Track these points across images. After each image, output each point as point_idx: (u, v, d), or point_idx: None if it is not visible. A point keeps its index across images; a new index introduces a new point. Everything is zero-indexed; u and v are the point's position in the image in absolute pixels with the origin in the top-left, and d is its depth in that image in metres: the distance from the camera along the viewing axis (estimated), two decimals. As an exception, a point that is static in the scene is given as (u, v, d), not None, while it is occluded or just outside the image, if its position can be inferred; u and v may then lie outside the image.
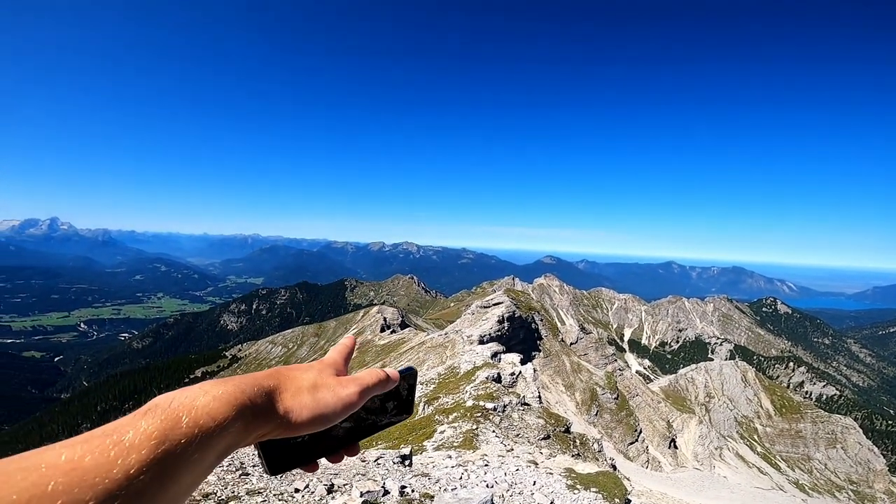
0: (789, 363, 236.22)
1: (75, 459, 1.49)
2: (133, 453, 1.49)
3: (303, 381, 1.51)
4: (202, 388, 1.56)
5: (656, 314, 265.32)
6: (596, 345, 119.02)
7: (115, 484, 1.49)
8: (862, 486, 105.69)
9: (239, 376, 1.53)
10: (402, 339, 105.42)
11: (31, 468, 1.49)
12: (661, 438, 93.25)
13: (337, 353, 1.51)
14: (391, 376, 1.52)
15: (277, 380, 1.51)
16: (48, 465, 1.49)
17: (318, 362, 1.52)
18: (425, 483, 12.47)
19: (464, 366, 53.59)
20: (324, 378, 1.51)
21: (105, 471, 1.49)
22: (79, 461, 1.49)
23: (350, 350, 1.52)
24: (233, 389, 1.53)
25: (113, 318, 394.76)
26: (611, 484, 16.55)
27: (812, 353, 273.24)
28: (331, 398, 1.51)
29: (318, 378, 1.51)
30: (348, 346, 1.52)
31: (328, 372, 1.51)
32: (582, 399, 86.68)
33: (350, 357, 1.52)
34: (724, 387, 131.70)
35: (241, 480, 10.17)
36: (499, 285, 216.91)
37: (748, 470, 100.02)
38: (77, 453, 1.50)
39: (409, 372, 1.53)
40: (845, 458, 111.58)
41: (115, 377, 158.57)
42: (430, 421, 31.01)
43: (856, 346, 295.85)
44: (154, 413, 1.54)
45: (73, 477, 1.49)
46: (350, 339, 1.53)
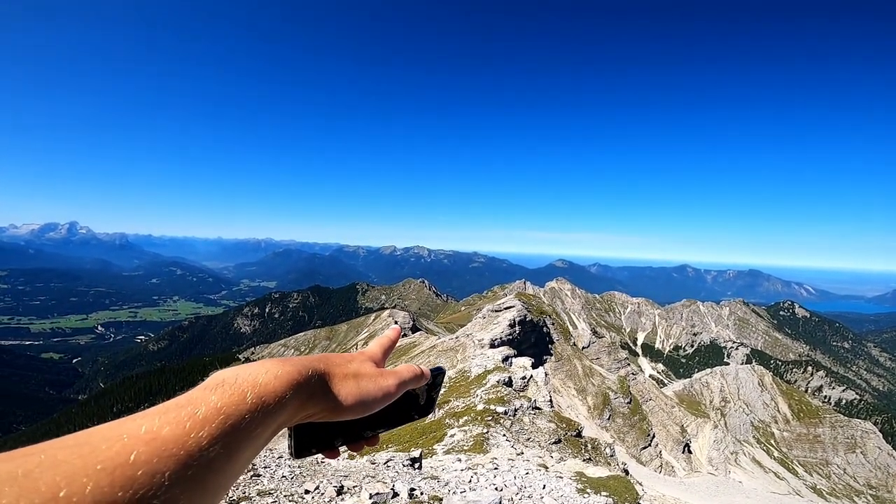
0: (807, 367, 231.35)
1: (154, 430, 1.55)
2: (206, 426, 1.55)
3: (348, 368, 1.57)
4: (263, 365, 1.60)
5: (670, 318, 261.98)
6: (608, 349, 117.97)
7: (189, 455, 1.54)
8: (881, 490, 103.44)
9: (294, 357, 1.58)
10: (414, 342, 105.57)
11: (114, 438, 1.55)
12: (675, 443, 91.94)
13: (378, 345, 1.57)
14: (424, 373, 1.58)
15: (327, 364, 1.57)
16: (130, 436, 1.55)
17: (360, 353, 1.57)
18: (434, 486, 12.51)
19: (475, 369, 53.51)
20: (366, 368, 1.57)
21: (181, 442, 1.55)
22: (157, 432, 1.55)
23: (393, 343, 1.57)
24: (291, 369, 1.58)
25: (130, 321, 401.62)
26: (622, 488, 16.42)
27: (831, 357, 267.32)
28: (372, 387, 1.57)
29: (360, 367, 1.57)
30: (392, 338, 1.58)
31: (369, 363, 1.57)
32: (594, 403, 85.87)
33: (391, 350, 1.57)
34: (740, 391, 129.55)
35: (252, 482, 10.32)
36: (510, 289, 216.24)
37: (765, 475, 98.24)
38: (156, 424, 1.56)
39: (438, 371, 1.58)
40: (865, 463, 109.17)
41: (131, 379, 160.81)
42: (441, 424, 31.03)
43: (876, 350, 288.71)
44: (223, 388, 1.59)
45: (153, 447, 1.55)
46: (394, 331, 1.58)
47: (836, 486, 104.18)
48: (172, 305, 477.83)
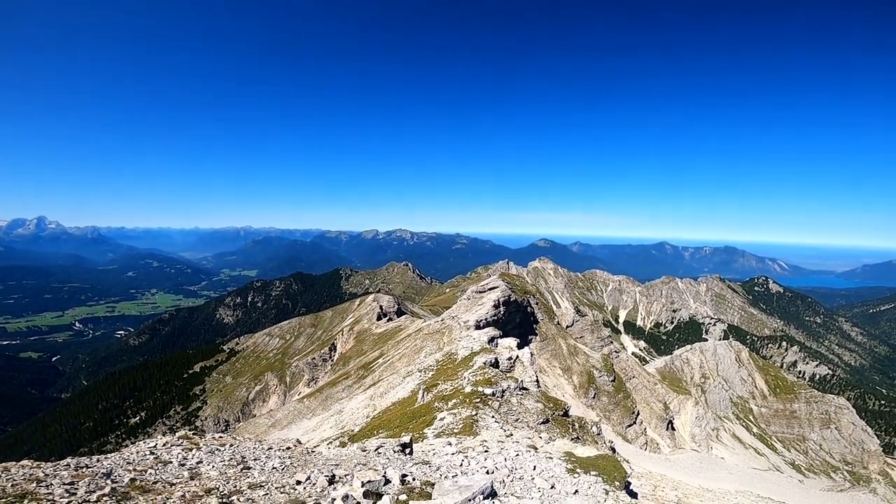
0: (782, 342, 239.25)
1: None
2: None
3: None
4: None
5: (650, 295, 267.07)
6: (592, 327, 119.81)
7: None
8: (857, 466, 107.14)
9: None
10: (399, 326, 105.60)
11: None
12: (659, 420, 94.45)
13: None
14: None
15: None
16: None
17: None
18: (426, 471, 12.49)
19: (461, 352, 53.78)
20: None
21: None
22: None
23: None
24: None
25: (107, 316, 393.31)
26: (610, 467, 16.69)
27: (804, 332, 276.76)
28: None
29: None
30: None
31: None
32: (579, 382, 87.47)
33: None
34: (718, 367, 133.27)
35: (242, 474, 10.13)
36: (493, 270, 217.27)
37: (745, 451, 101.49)
38: None
39: None
40: (839, 439, 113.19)
41: (113, 375, 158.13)
42: (430, 408, 31.13)
43: (847, 325, 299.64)
44: None
45: None
46: None
47: (814, 461, 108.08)
48: (151, 298, 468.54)
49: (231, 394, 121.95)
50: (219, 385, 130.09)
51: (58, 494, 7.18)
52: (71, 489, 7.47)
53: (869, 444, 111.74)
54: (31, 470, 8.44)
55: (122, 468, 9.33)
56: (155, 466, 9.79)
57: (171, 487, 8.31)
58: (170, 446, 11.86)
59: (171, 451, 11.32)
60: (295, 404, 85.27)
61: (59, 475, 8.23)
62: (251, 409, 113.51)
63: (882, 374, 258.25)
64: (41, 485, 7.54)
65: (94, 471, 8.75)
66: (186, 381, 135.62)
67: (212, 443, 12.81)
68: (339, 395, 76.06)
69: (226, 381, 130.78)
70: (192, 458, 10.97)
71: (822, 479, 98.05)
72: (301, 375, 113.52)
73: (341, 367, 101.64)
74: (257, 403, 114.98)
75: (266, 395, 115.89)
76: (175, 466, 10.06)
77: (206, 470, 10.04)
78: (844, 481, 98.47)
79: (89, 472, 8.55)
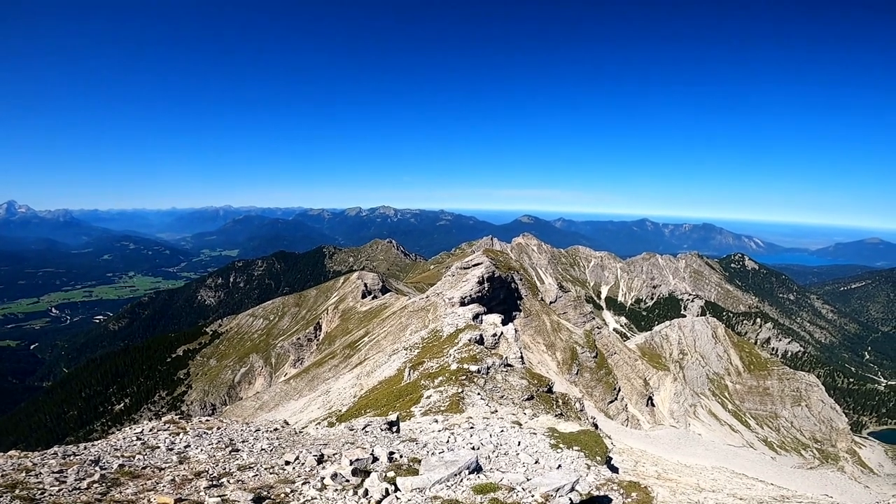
0: (757, 319, 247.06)
1: None
2: None
3: None
4: None
5: (631, 271, 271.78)
6: (574, 303, 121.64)
7: None
8: (825, 444, 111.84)
9: None
10: (384, 304, 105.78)
11: None
12: (639, 396, 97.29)
13: None
14: None
15: None
16: None
17: None
18: (413, 448, 12.75)
19: (446, 329, 54.33)
20: None
21: None
22: None
23: None
24: None
25: (85, 301, 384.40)
26: (592, 443, 17.26)
27: (778, 308, 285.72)
28: None
29: None
30: None
31: None
32: (563, 358, 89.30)
33: None
34: (696, 343, 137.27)
35: (231, 457, 10.20)
36: (478, 246, 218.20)
37: (720, 427, 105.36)
38: None
39: None
40: (809, 417, 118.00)
41: (95, 361, 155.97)
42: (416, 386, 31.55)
43: (818, 302, 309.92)
44: None
45: None
46: None
47: (785, 438, 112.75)
48: (129, 282, 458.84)
49: (216, 377, 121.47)
50: (203, 368, 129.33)
51: (48, 483, 7.17)
52: (60, 477, 7.46)
53: (837, 422, 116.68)
54: (18, 460, 8.39)
55: (109, 455, 9.31)
56: (143, 452, 9.79)
57: (161, 472, 8.35)
58: (156, 431, 11.84)
59: (158, 436, 11.31)
60: (281, 386, 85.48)
61: (48, 464, 8.20)
62: (237, 392, 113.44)
63: (851, 351, 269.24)
64: (30, 474, 7.51)
65: (83, 458, 8.73)
66: (170, 365, 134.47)
67: (199, 426, 12.83)
68: (325, 376, 76.41)
69: (210, 363, 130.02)
70: (180, 442, 10.99)
71: (794, 456, 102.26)
72: (286, 356, 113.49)
73: (327, 346, 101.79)
74: (243, 386, 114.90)
75: (252, 378, 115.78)
76: (163, 451, 10.08)
77: (195, 453, 10.08)
78: (814, 459, 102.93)
79: (77, 460, 8.53)
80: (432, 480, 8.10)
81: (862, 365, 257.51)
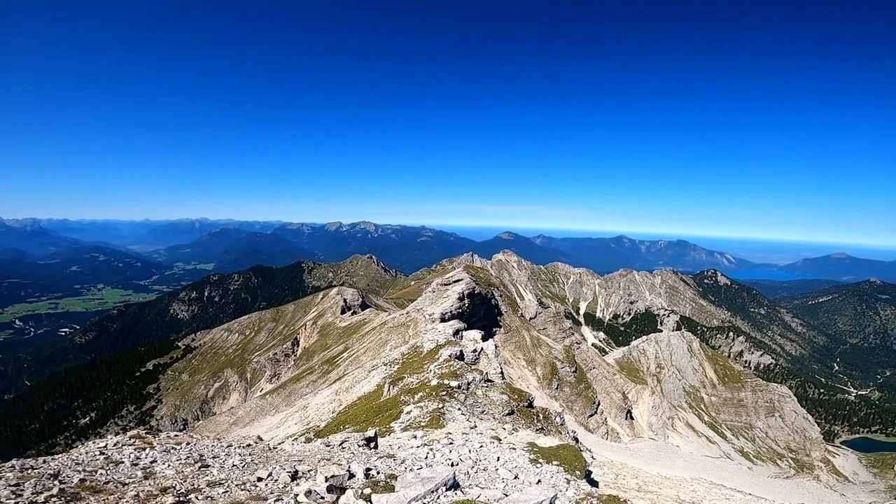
0: (729, 333, 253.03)
1: None
2: None
3: None
4: None
5: (609, 287, 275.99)
6: (554, 319, 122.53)
7: None
8: (800, 454, 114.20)
9: None
10: (364, 319, 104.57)
11: None
12: (619, 410, 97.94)
13: None
14: None
15: None
16: None
17: None
18: (390, 464, 12.49)
19: (427, 344, 53.90)
20: None
21: None
22: None
23: None
24: None
25: (51, 313, 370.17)
26: (571, 457, 17.22)
27: (749, 322, 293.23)
28: None
29: None
30: None
31: None
32: (543, 373, 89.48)
33: None
34: (672, 357, 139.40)
35: (200, 473, 9.79)
36: (458, 262, 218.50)
37: (698, 439, 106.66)
38: None
39: None
40: (783, 427, 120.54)
41: (59, 375, 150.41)
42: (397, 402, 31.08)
43: (788, 316, 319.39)
44: None
45: None
46: None
47: (761, 449, 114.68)
48: (98, 294, 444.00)
49: (188, 392, 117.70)
50: (175, 383, 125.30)
51: (3, 496, 6.84)
52: (17, 490, 7.09)
53: (810, 431, 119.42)
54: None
55: (70, 469, 8.87)
56: (106, 467, 9.34)
57: (124, 487, 7.96)
58: (121, 446, 11.32)
59: (122, 451, 10.81)
60: (257, 401, 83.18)
61: (5, 477, 7.78)
62: (211, 407, 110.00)
63: (820, 363, 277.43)
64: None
65: (41, 472, 8.30)
66: (139, 379, 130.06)
67: (167, 441, 12.33)
68: (303, 391, 74.75)
69: (182, 378, 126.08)
70: (146, 457, 10.52)
71: (770, 466, 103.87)
72: (263, 371, 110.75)
73: (305, 362, 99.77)
74: (217, 401, 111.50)
75: (226, 393, 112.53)
76: (127, 466, 9.63)
77: (161, 469, 9.66)
78: (790, 468, 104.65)
79: (35, 474, 8.11)
80: (408, 498, 7.90)
81: (832, 376, 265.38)
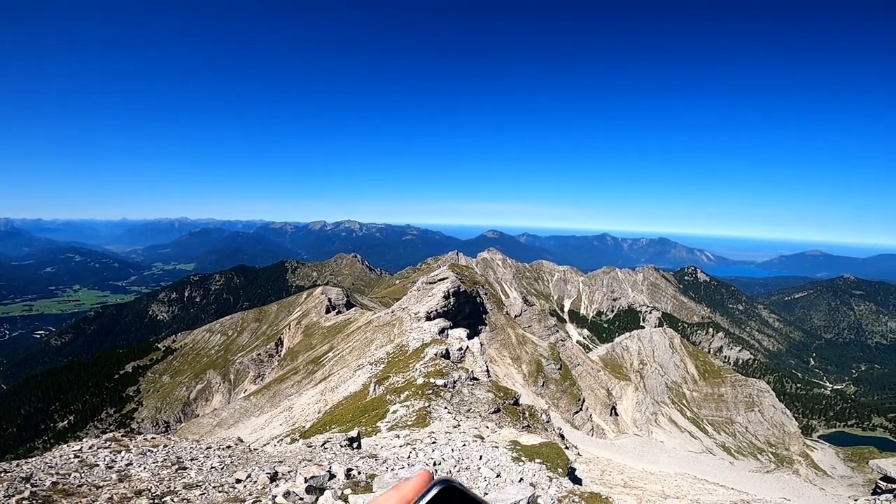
0: (709, 329, 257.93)
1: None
2: None
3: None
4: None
5: (593, 285, 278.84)
6: (539, 316, 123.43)
7: None
8: (780, 448, 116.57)
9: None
10: (349, 319, 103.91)
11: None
12: (603, 406, 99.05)
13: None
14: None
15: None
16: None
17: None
18: (372, 464, 12.45)
19: (412, 343, 53.80)
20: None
21: None
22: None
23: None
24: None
25: (25, 315, 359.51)
26: (554, 454, 17.36)
27: (728, 318, 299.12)
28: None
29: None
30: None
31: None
32: (528, 371, 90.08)
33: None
34: (655, 353, 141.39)
35: (177, 475, 9.63)
36: (443, 261, 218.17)
37: (681, 434, 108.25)
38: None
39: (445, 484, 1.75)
40: (763, 421, 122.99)
41: (35, 378, 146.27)
42: (383, 401, 30.98)
43: (766, 312, 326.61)
44: None
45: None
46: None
47: (741, 443, 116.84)
48: (73, 295, 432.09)
49: (170, 394, 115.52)
50: (155, 385, 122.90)
51: (-30, 502, 6.63)
52: (-16, 496, 6.89)
53: (789, 426, 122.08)
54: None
55: (43, 472, 8.65)
56: (80, 470, 9.13)
57: (98, 490, 7.79)
58: (96, 449, 11.07)
59: (97, 454, 10.57)
60: (241, 402, 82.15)
61: (-29, 482, 7.54)
62: (193, 409, 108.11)
63: (797, 358, 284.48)
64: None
65: (13, 475, 8.08)
66: (118, 381, 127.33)
67: (143, 444, 12.09)
68: (288, 392, 74.02)
69: (163, 380, 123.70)
70: (122, 460, 10.32)
71: (751, 460, 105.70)
72: (246, 372, 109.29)
73: (289, 362, 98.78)
74: (200, 403, 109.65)
75: (209, 394, 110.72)
76: (102, 469, 9.43)
77: (137, 471, 9.48)
78: (770, 462, 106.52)
79: (7, 477, 7.89)
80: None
81: (808, 371, 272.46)
